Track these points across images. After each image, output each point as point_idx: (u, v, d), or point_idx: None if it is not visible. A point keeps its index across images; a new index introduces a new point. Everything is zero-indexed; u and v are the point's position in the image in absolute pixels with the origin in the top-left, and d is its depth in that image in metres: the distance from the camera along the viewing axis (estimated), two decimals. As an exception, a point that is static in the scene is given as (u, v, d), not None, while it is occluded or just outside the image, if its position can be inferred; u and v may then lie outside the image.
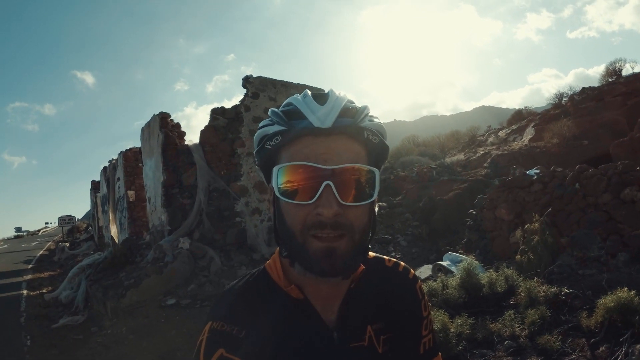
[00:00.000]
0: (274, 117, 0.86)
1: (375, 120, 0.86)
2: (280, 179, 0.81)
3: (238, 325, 0.84)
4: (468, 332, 4.16)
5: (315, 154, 0.79)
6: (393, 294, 1.00)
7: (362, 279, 0.94)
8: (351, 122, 0.82)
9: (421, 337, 1.03)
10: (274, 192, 0.84)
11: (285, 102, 0.87)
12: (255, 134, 0.89)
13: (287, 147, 0.82)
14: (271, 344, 0.83)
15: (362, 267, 0.94)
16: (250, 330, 0.83)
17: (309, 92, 0.86)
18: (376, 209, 0.89)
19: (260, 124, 0.88)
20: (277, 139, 0.82)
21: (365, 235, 0.84)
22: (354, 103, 0.85)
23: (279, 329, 0.85)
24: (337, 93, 0.85)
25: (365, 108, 0.85)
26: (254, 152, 0.90)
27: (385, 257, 1.07)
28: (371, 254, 1.02)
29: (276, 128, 0.83)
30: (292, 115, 0.83)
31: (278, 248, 0.93)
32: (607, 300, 3.95)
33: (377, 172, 0.84)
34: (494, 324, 4.35)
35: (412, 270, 1.08)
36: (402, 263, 1.08)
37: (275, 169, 0.83)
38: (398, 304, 0.99)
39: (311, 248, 0.79)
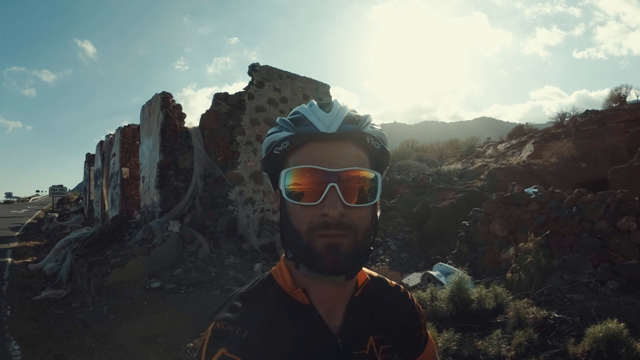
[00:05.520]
0: (282, 124, 0.90)
1: (377, 127, 0.91)
2: (288, 181, 0.85)
3: (240, 326, 0.84)
4: (455, 347, 4.13)
5: (320, 157, 0.84)
6: (395, 310, 1.05)
7: (367, 289, 1.00)
8: (354, 128, 0.86)
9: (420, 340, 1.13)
10: (281, 196, 0.88)
11: (292, 111, 0.92)
12: (264, 142, 0.93)
13: (294, 152, 0.87)
14: (275, 347, 0.84)
15: (367, 277, 1.02)
16: (253, 331, 0.83)
17: (315, 102, 0.91)
18: (378, 213, 0.92)
19: (268, 132, 0.93)
20: (284, 144, 0.86)
21: (367, 236, 0.88)
22: (356, 112, 0.90)
23: (283, 333, 0.86)
24: (340, 103, 0.90)
25: (367, 116, 0.90)
26: (262, 159, 0.94)
27: (387, 279, 1.12)
28: (374, 273, 1.08)
29: (284, 134, 0.87)
30: (299, 122, 0.87)
31: (283, 255, 0.96)
32: (596, 330, 3.93)
33: (379, 176, 0.88)
34: (480, 342, 4.31)
35: (409, 293, 1.15)
36: (402, 286, 1.14)
37: (283, 172, 0.87)
38: (399, 320, 1.05)
39: (316, 246, 0.82)
